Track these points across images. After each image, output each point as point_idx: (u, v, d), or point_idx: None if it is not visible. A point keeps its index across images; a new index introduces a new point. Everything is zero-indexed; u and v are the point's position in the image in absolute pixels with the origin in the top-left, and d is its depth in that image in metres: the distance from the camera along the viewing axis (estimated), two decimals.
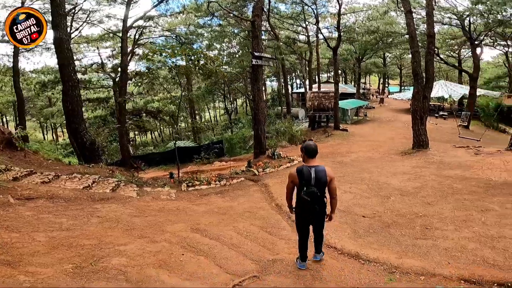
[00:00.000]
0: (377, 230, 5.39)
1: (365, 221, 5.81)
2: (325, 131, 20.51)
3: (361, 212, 6.26)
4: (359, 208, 6.48)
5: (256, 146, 12.10)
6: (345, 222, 5.76)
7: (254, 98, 12.47)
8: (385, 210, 6.28)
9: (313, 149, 3.64)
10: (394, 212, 6.14)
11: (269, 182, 8.90)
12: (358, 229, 5.48)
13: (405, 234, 5.16)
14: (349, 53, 31.43)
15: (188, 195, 7.79)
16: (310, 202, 3.49)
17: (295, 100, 39.77)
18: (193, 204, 7.01)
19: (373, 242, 4.92)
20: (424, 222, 5.57)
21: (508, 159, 9.48)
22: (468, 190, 6.99)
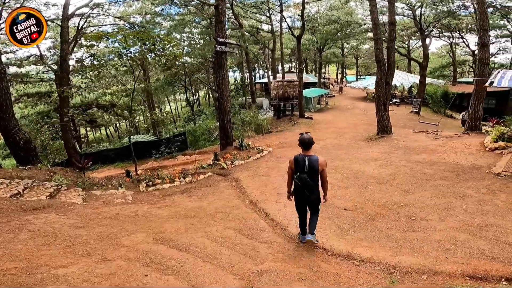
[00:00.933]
0: (363, 224, 5.01)
1: (348, 215, 5.41)
2: (291, 119, 20.27)
3: (342, 204, 5.87)
4: (338, 200, 6.09)
5: (222, 137, 11.26)
6: (327, 217, 5.30)
7: (219, 86, 11.54)
8: (365, 201, 5.97)
9: (307, 141, 3.93)
10: (375, 202, 5.85)
11: (240, 175, 8.20)
12: (343, 224, 5.05)
13: (392, 227, 4.84)
14: (310, 43, 31.52)
15: (148, 197, 6.77)
16: (301, 187, 3.89)
17: (258, 90, 39.21)
18: (155, 207, 6.05)
19: (362, 238, 4.50)
20: (407, 213, 5.33)
21: (468, 142, 9.88)
22: (440, 176, 7.00)
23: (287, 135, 16.53)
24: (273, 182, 7.38)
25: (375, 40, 11.94)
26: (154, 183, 7.44)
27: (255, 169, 8.66)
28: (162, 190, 7.21)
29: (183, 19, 24.20)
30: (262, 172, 8.27)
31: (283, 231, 4.87)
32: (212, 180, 8.09)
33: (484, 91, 11.43)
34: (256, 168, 8.75)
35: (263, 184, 7.29)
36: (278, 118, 21.98)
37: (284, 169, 9.04)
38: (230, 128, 11.26)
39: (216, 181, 8.02)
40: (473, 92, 11.64)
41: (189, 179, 7.92)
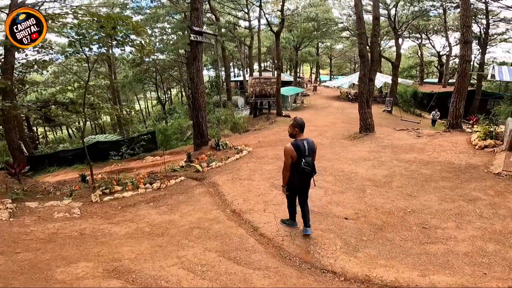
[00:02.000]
0: (371, 237, 4.18)
1: (351, 225, 4.56)
2: (268, 118, 19.44)
3: (341, 212, 5.02)
4: (336, 207, 5.23)
5: (197, 136, 10.05)
6: (328, 230, 4.40)
7: (193, 80, 10.31)
8: (367, 207, 5.17)
9: (303, 124, 3.96)
10: (379, 209, 5.07)
11: (218, 180, 7.10)
12: (348, 238, 4.18)
13: (406, 239, 4.05)
14: (287, 42, 30.99)
15: (102, 208, 5.47)
16: (310, 172, 3.85)
17: (233, 89, 38.12)
18: (111, 222, 4.79)
19: (376, 255, 3.66)
20: (417, 220, 4.60)
21: (454, 140, 9.59)
22: (439, 176, 6.43)
23: (265, 134, 15.63)
24: (257, 187, 6.38)
25: (359, 34, 11.40)
26: (112, 191, 6.12)
27: (235, 172, 7.61)
28: (122, 200, 5.92)
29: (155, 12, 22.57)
30: (244, 176, 7.25)
31: (278, 250, 3.89)
32: (185, 186, 6.91)
33: (465, 88, 11.32)
34: (236, 170, 7.70)
35: (246, 190, 6.26)
36: (255, 117, 21.06)
37: (267, 171, 8.09)
38: (205, 126, 10.09)
39: (190, 187, 6.85)
40: (454, 90, 11.49)
41: (157, 185, 6.68)
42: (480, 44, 26.86)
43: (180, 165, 9.21)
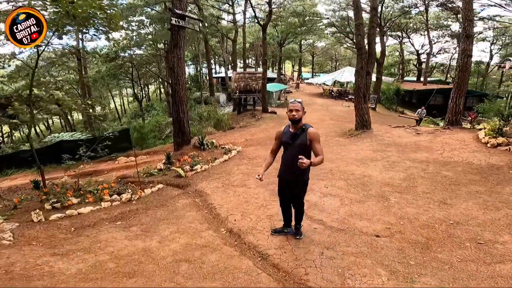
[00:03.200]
0: (421, 260, 3.17)
1: (387, 245, 3.50)
2: (254, 114, 18.23)
3: (369, 228, 3.95)
4: (360, 221, 4.15)
5: (177, 134, 8.66)
6: (361, 253, 3.32)
7: (173, 69, 8.89)
8: (398, 220, 4.13)
9: None
10: (414, 222, 4.05)
11: (206, 187, 5.82)
12: (392, 263, 3.12)
13: (466, 259, 3.08)
14: (271, 37, 29.90)
15: (48, 231, 4.03)
16: None
17: (215, 85, 36.56)
18: (56, 253, 3.41)
19: (438, 285, 2.58)
20: (467, 234, 3.65)
21: (459, 138, 8.90)
22: (465, 179, 5.55)
23: (252, 131, 14.43)
24: (255, 197, 5.18)
25: (357, 25, 10.49)
26: (65, 205, 4.66)
27: (226, 176, 6.36)
28: (77, 218, 4.48)
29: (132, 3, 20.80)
30: (237, 181, 6.01)
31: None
32: (164, 196, 5.56)
33: (466, 83, 10.73)
34: (226, 175, 6.44)
35: (243, 201, 5.05)
36: (239, 113, 19.77)
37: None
38: (187, 122, 8.73)
39: (170, 197, 5.52)
40: (454, 85, 10.88)
41: (128, 195, 5.28)
42: None
43: (158, 168, 7.81)
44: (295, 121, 3.20)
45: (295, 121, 3.21)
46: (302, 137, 3.19)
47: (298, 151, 3.21)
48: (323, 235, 3.83)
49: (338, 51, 46.96)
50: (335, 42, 34.98)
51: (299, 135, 3.21)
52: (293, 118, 3.17)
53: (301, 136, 3.20)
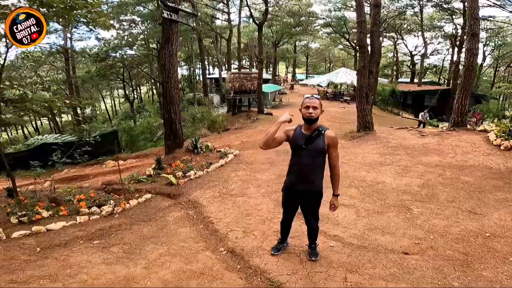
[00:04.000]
0: (465, 279, 2.71)
1: (419, 264, 2.95)
2: (249, 115, 17.64)
3: (394, 244, 3.37)
4: (383, 236, 3.56)
5: (169, 136, 7.97)
6: (392, 276, 2.75)
7: (164, 66, 8.20)
8: (426, 234, 3.56)
9: None
10: (445, 236, 3.50)
11: (201, 197, 5.16)
12: (430, 285, 2.51)
13: None
14: (266, 37, 29.45)
15: (8, 252, 3.28)
16: None
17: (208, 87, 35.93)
18: (12, 281, 2.70)
19: None
20: (508, 248, 3.25)
21: (468, 139, 8.44)
22: (489, 185, 5.02)
23: (248, 133, 13.81)
24: (257, 208, 4.54)
25: (359, 22, 9.98)
26: (34, 219, 3.92)
27: (223, 184, 5.70)
28: (45, 235, 3.74)
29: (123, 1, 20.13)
30: (235, 190, 5.37)
31: None
32: (153, 208, 4.87)
33: (472, 83, 10.33)
34: (223, 182, 5.79)
35: (244, 213, 4.41)
36: (233, 115, 19.16)
37: (264, 182, 5.60)
38: (180, 124, 8.04)
39: (160, 209, 4.83)
40: (460, 85, 10.46)
41: (109, 208, 4.56)
42: (455, 43, 27.17)
43: (147, 174, 7.10)
44: (311, 120, 2.61)
45: (311, 121, 2.62)
46: (318, 141, 2.65)
47: (314, 157, 2.66)
48: (343, 255, 3.22)
49: (332, 53, 46.81)
50: (329, 43, 34.67)
51: (314, 139, 2.65)
52: (310, 116, 2.59)
53: (318, 140, 2.65)
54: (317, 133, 2.65)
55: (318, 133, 2.65)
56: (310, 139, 2.65)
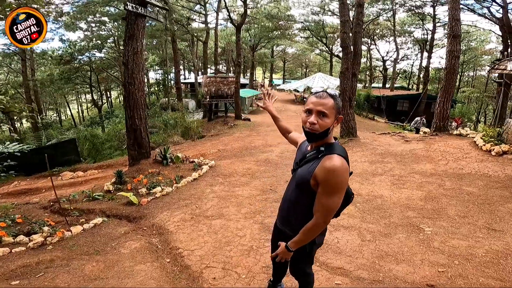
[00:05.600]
0: None
1: None
2: (226, 121, 16.70)
3: (413, 275, 2.69)
4: (397, 265, 2.83)
5: (132, 146, 6.87)
6: None
7: (127, 65, 7.14)
8: (449, 259, 2.91)
9: None
10: (470, 259, 2.88)
11: (168, 220, 4.19)
12: None
13: None
14: (244, 41, 28.85)
15: None
16: None
17: (183, 91, 34.65)
18: None
19: None
20: None
21: (455, 145, 8.13)
22: (496, 196, 4.52)
23: (226, 141, 12.87)
24: (239, 234, 3.67)
25: (342, 22, 9.52)
26: None
27: (196, 202, 4.76)
28: None
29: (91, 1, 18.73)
30: (211, 210, 4.45)
31: None
32: (104, 236, 3.83)
33: (453, 86, 10.19)
34: (196, 200, 4.84)
35: (222, 241, 3.52)
36: (209, 120, 18.14)
37: (246, 198, 4.72)
38: (146, 131, 6.97)
39: (113, 237, 3.80)
40: (441, 88, 10.28)
41: (40, 238, 3.46)
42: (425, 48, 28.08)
43: (105, 190, 5.98)
44: (312, 137, 1.56)
45: (312, 137, 1.57)
46: (309, 166, 1.59)
47: (292, 189, 1.73)
48: None
49: (309, 58, 47.27)
50: (306, 48, 34.75)
51: (307, 162, 1.63)
52: (311, 130, 1.53)
53: (310, 163, 1.60)
54: (314, 153, 1.59)
55: (314, 154, 1.59)
56: (304, 160, 1.66)
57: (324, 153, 1.51)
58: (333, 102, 1.51)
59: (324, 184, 1.46)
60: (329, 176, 1.43)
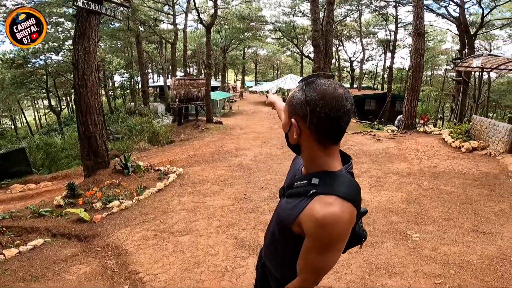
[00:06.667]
0: None
1: None
2: (197, 125, 16.00)
3: None
4: (389, 278, 2.58)
5: (87, 155, 6.08)
6: None
7: (77, 66, 6.35)
8: (443, 268, 2.71)
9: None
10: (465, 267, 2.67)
11: (126, 238, 3.59)
12: None
13: None
14: (214, 43, 28.22)
15: None
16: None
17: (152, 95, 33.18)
18: None
19: None
20: None
21: (425, 143, 8.28)
22: (476, 195, 4.46)
23: (197, 145, 12.22)
24: (211, 252, 3.19)
25: (313, 20, 9.42)
26: None
27: (160, 217, 4.19)
28: None
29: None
30: (178, 225, 3.91)
31: None
32: (45, 260, 3.16)
33: (420, 84, 10.44)
34: (161, 214, 4.27)
35: (191, 262, 3.03)
36: (179, 125, 17.32)
37: (218, 209, 4.11)
38: (102, 138, 6.21)
39: (57, 261, 3.14)
40: (408, 86, 10.50)
41: None
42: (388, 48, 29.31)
43: (55, 204, 5.19)
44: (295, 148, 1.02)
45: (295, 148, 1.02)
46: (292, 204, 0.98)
47: (273, 225, 1.14)
48: None
49: (280, 59, 47.65)
50: (277, 50, 34.90)
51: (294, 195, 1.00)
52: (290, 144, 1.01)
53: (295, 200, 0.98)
54: (303, 184, 0.98)
55: (303, 187, 0.97)
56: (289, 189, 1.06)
57: (316, 190, 0.92)
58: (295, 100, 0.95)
59: (312, 238, 0.91)
60: (319, 231, 0.89)
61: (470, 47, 15.37)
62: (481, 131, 7.46)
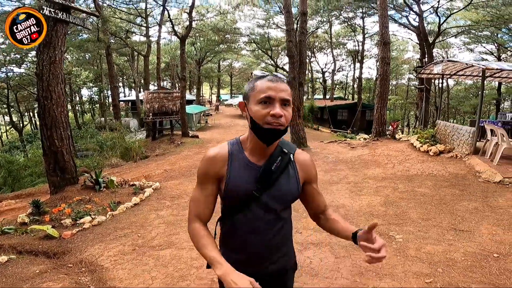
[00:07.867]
0: None
1: None
2: (172, 139, 15.60)
3: None
4: (380, 280, 2.56)
5: (53, 171, 5.65)
6: None
7: (41, 76, 5.97)
8: (430, 267, 2.73)
9: None
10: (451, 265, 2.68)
11: (101, 254, 3.32)
12: None
13: None
14: (189, 56, 28.08)
15: None
16: None
17: (123, 109, 32.05)
18: None
19: None
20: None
21: (395, 148, 8.66)
22: (448, 195, 4.71)
23: (173, 160, 11.87)
24: (195, 264, 3.03)
25: (288, 31, 9.65)
26: None
27: (138, 231, 3.94)
28: None
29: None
30: (158, 239, 3.70)
31: None
32: (10, 277, 2.81)
33: (387, 92, 10.99)
34: (138, 229, 4.02)
35: (174, 275, 2.86)
36: (153, 139, 16.80)
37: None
38: (70, 153, 5.82)
39: (25, 278, 2.79)
40: (377, 95, 11.02)
41: None
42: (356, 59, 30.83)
43: (20, 222, 4.72)
44: (278, 134, 1.05)
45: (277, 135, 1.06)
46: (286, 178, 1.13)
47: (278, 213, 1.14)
48: None
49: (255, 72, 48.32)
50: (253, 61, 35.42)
51: (279, 174, 1.12)
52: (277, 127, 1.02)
53: (285, 175, 1.13)
54: (280, 159, 1.12)
55: (282, 160, 1.13)
56: (270, 175, 1.11)
57: (290, 152, 1.16)
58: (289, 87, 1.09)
59: (314, 177, 1.25)
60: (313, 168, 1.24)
61: (429, 55, 16.49)
62: (445, 135, 7.94)
